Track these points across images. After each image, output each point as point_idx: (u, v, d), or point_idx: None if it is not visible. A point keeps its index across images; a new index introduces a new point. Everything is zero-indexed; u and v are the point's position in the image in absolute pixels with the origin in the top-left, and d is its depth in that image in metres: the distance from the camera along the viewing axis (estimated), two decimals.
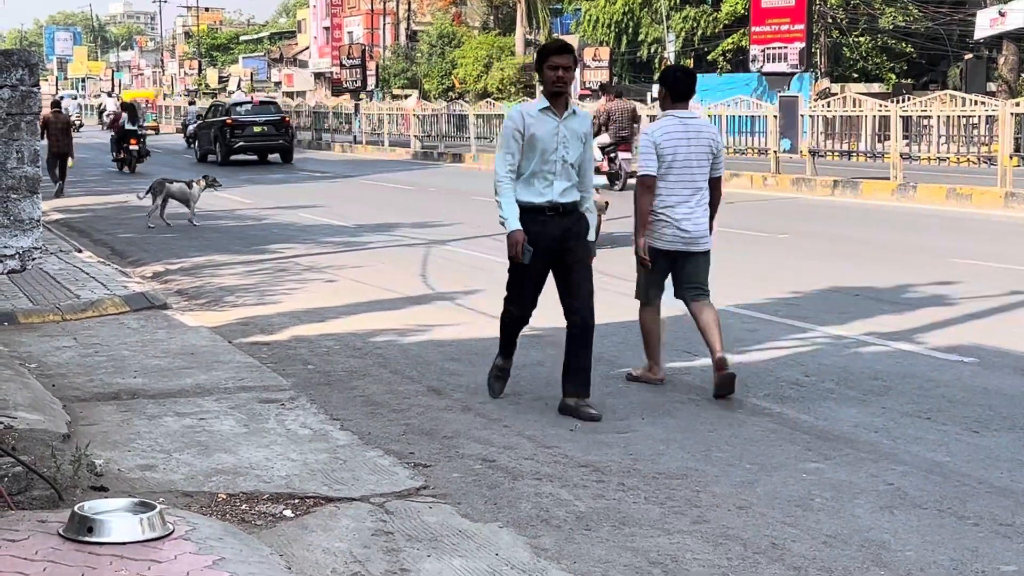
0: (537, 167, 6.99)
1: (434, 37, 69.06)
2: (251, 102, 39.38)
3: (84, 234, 17.65)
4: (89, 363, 8.59)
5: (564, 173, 7.01)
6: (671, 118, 7.66)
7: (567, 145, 6.99)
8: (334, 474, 5.94)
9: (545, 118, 7.00)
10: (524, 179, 7.03)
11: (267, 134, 35.96)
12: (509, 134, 7.03)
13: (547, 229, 7.02)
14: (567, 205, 7.06)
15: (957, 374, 7.98)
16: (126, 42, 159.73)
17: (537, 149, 6.96)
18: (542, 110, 7.01)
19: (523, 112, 7.07)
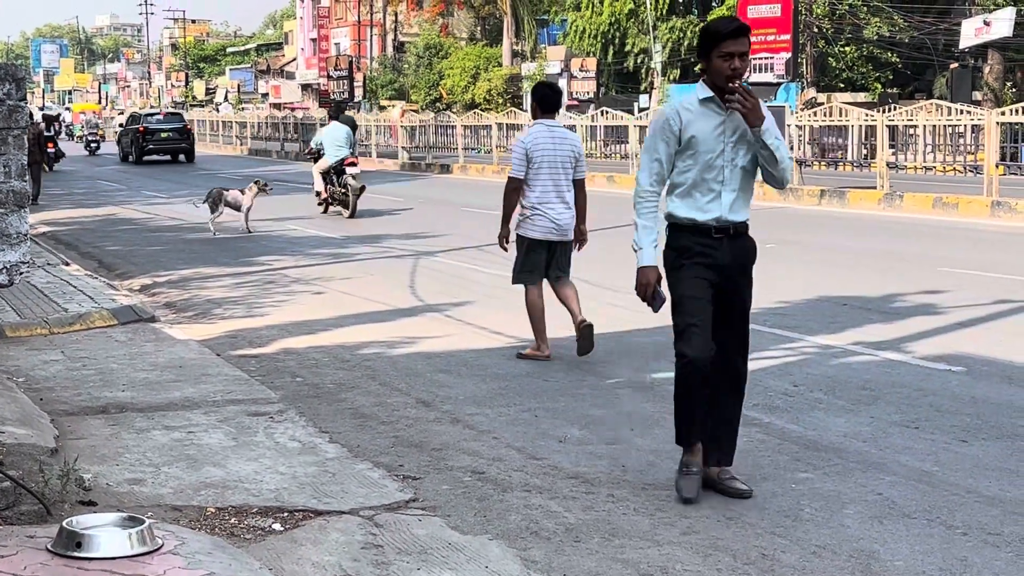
0: (699, 176, 5.64)
1: (421, 48, 69.09)
2: (159, 113, 48.91)
3: (71, 247, 17.61)
4: (77, 377, 8.57)
5: (734, 181, 5.66)
6: (541, 127, 8.99)
7: (736, 145, 5.65)
8: (323, 487, 5.93)
9: (708, 112, 5.60)
10: (683, 191, 5.69)
11: (172, 139, 44.64)
12: (658, 135, 5.66)
13: (713, 253, 5.65)
14: (738, 225, 5.70)
15: (945, 383, 8.00)
16: (113, 54, 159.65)
17: (698, 153, 5.61)
18: (704, 101, 5.60)
19: (679, 107, 5.66)
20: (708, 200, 5.64)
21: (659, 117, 5.69)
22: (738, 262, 5.72)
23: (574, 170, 8.98)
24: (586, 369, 8.68)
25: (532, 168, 8.85)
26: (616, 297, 11.85)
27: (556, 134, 8.96)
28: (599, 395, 7.87)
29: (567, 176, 8.94)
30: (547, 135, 8.92)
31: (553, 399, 7.78)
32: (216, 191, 19.07)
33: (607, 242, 17.07)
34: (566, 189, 8.94)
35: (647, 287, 5.75)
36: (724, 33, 5.50)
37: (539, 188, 8.86)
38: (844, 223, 19.27)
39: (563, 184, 8.92)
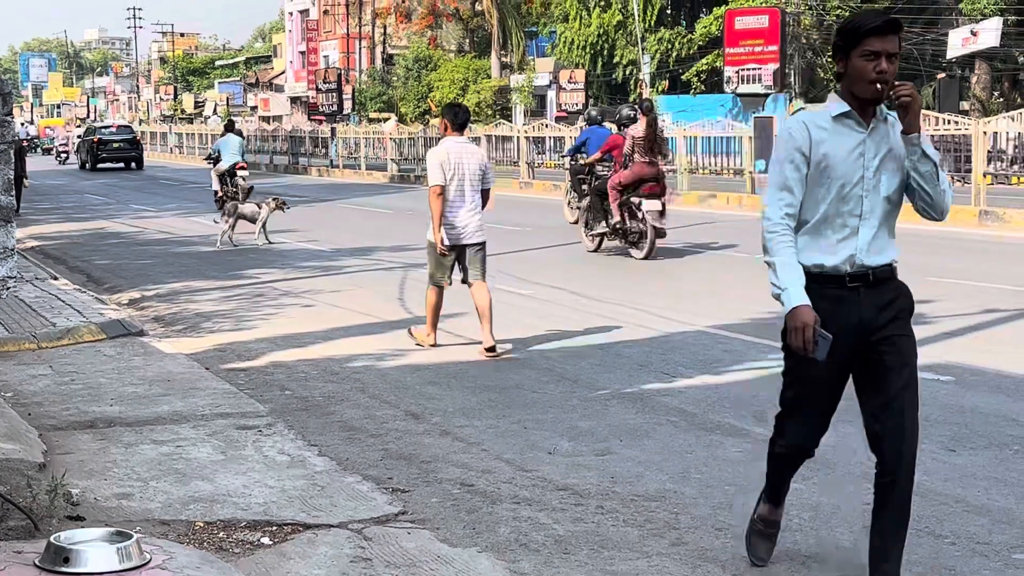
0: (832, 209, 4.49)
1: (410, 60, 69.19)
2: (112, 126, 55.87)
3: (60, 261, 17.58)
4: (65, 391, 8.55)
5: (875, 215, 4.55)
6: (451, 142, 9.92)
7: (879, 169, 4.51)
8: (312, 500, 5.92)
9: (843, 130, 4.47)
10: (809, 229, 4.55)
11: (123, 148, 50.41)
12: (785, 156, 4.52)
13: (847, 310, 4.49)
14: (880, 269, 4.58)
15: (933, 393, 8.01)
16: (101, 68, 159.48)
17: (831, 180, 4.47)
18: (839, 117, 4.48)
19: (807, 122, 4.52)
20: (840, 239, 4.50)
21: (783, 135, 4.55)
22: (885, 316, 4.53)
23: (481, 181, 9.93)
24: (575, 380, 8.69)
25: (447, 178, 9.81)
26: (603, 308, 11.87)
27: (465, 149, 9.96)
28: (588, 406, 7.88)
29: (474, 187, 9.88)
30: (458, 149, 9.88)
31: (542, 411, 7.78)
32: (231, 204, 19.37)
33: (592, 254, 17.09)
34: (473, 198, 9.89)
35: (803, 330, 4.39)
36: (867, 28, 4.40)
37: (449, 197, 9.81)
38: None
39: (471, 194, 9.87)
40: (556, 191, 30.04)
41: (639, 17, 52.13)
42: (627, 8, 52.92)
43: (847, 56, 4.45)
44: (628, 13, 52.93)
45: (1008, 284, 12.80)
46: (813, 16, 46.64)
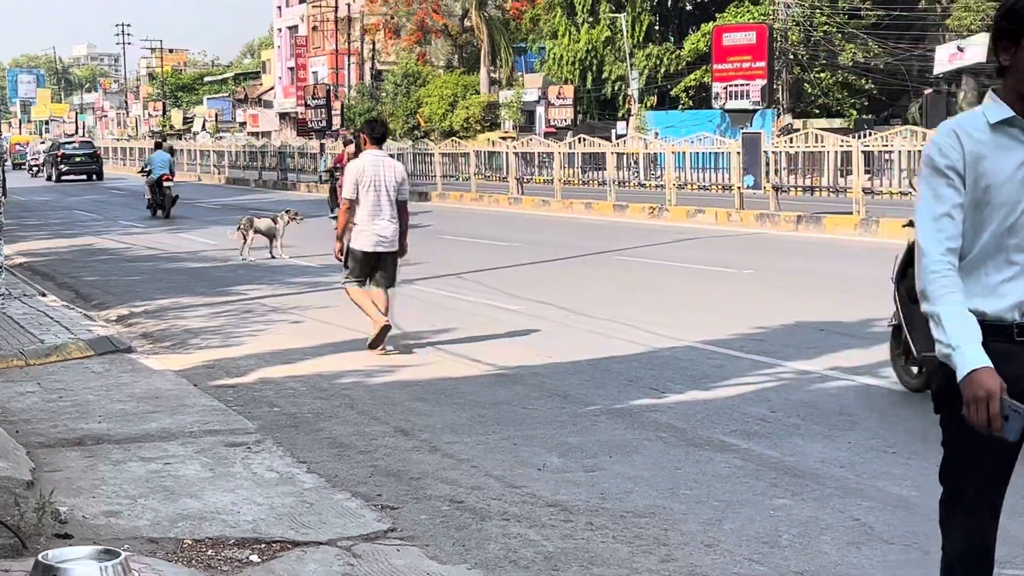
0: (993, 241, 3.50)
1: (399, 76, 69.28)
2: (75, 141, 62.33)
3: (48, 277, 17.53)
4: (53, 408, 8.52)
5: None
6: (370, 156, 10.63)
7: None
8: (301, 518, 5.91)
9: (1006, 141, 3.49)
10: (963, 265, 3.50)
11: (84, 162, 55.11)
12: (936, 176, 3.51)
13: (1017, 369, 3.42)
14: None
15: (922, 408, 8.01)
16: (90, 84, 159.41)
17: (991, 206, 3.49)
18: (1000, 125, 3.50)
19: (959, 131, 3.51)
20: (1005, 279, 3.49)
21: (930, 149, 3.53)
22: None
23: (397, 193, 10.61)
24: (564, 396, 8.69)
25: (362, 190, 10.48)
26: (591, 324, 11.87)
27: (382, 163, 10.65)
28: (577, 422, 7.87)
29: (390, 198, 10.57)
30: (374, 163, 10.57)
31: (532, 427, 7.78)
32: (247, 219, 19.62)
33: (582, 269, 17.14)
34: (390, 208, 10.58)
35: (988, 402, 3.26)
36: None
37: (367, 207, 10.51)
38: (821, 248, 19.36)
39: (387, 204, 10.56)
40: (545, 206, 30.07)
41: (627, 33, 52.33)
42: (615, 24, 53.12)
43: (1012, 46, 3.48)
44: (616, 29, 53.14)
45: None
46: (800, 32, 46.83)
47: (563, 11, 56.11)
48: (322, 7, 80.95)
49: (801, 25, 46.79)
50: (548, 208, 29.77)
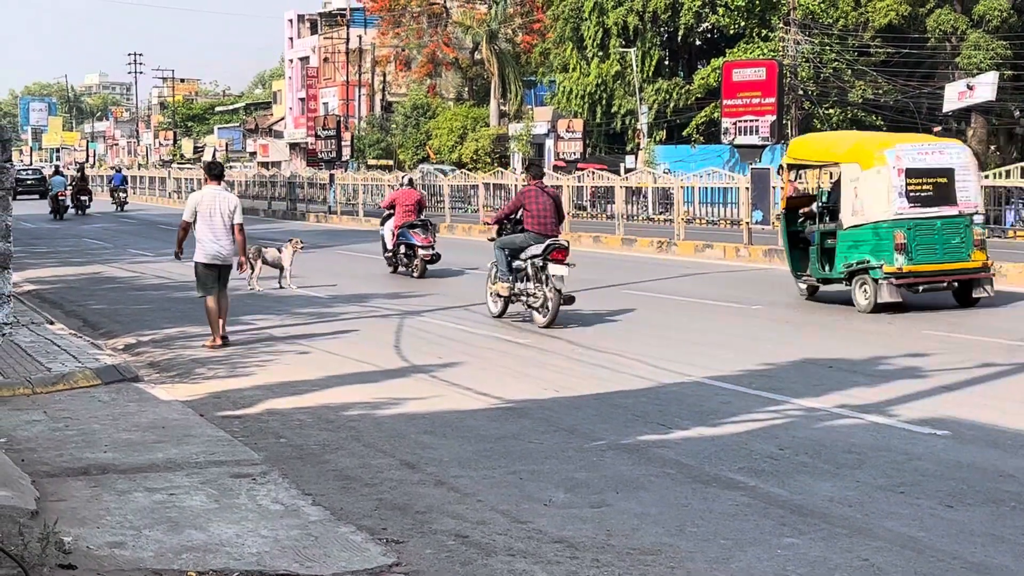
0: None
1: (409, 108, 69.52)
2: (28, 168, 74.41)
3: (56, 305, 17.55)
4: (59, 437, 8.51)
5: None
6: (208, 189, 13.33)
7: None
8: (305, 551, 5.88)
9: None
10: None
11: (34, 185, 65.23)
12: None
13: None
14: None
15: (930, 447, 7.99)
16: (101, 112, 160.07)
17: None
18: None
19: None
20: None
21: None
22: None
23: (232, 218, 13.12)
24: (571, 431, 8.66)
25: (200, 215, 13.05)
26: (599, 358, 11.85)
27: (219, 194, 13.31)
28: (584, 457, 7.84)
29: (225, 222, 13.08)
30: (212, 194, 13.24)
31: (538, 461, 7.75)
32: (255, 249, 19.54)
33: (593, 303, 17.09)
34: (224, 230, 13.08)
35: None
36: None
37: (205, 229, 13.03)
38: None
39: (221, 227, 13.08)
40: None
41: (637, 68, 52.46)
42: (625, 59, 53.27)
43: None
44: (626, 64, 53.28)
45: (1003, 338, 12.79)
46: (810, 68, 46.93)
47: (573, 45, 56.29)
48: (334, 39, 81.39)
49: (811, 61, 46.88)
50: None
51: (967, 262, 15.28)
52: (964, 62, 44.41)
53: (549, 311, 14.12)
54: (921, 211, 15.14)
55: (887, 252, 14.91)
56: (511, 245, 14.85)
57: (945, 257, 15.19)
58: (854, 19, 48.45)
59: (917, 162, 15.32)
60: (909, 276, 14.93)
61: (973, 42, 44.38)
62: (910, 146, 15.72)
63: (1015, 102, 46.53)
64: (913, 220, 15.06)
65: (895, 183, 15.06)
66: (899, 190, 15.05)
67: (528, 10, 66.78)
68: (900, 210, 15.02)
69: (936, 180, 15.36)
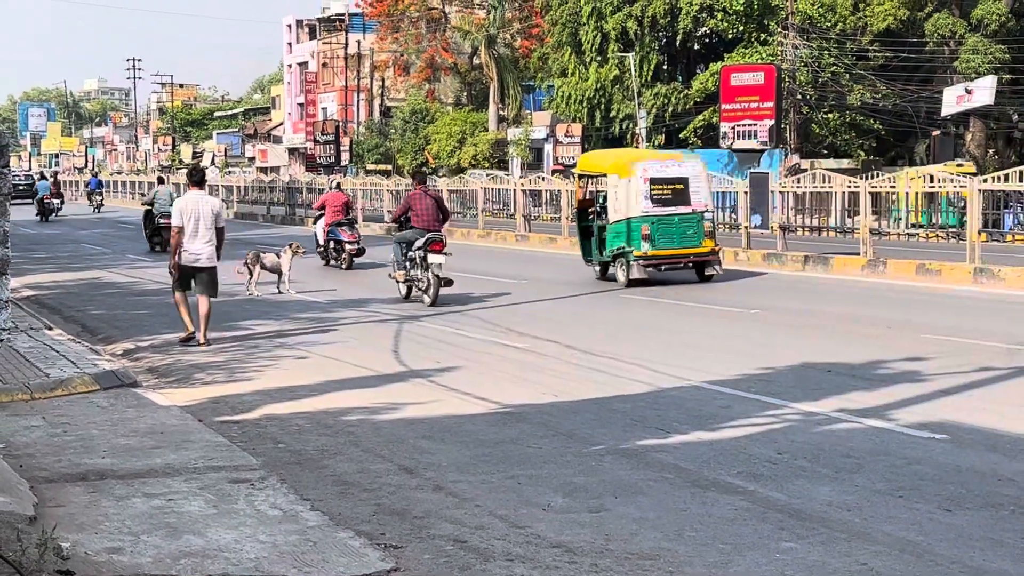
0: None
1: (407, 113, 69.54)
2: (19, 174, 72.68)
3: (55, 311, 17.55)
4: (57, 443, 8.50)
5: None
6: (191, 193, 13.86)
7: None
8: (304, 556, 5.88)
9: None
10: None
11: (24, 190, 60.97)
12: None
13: None
14: None
15: (929, 451, 7.99)
16: (100, 118, 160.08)
17: None
18: None
19: None
20: None
21: None
22: None
23: (214, 222, 13.71)
24: (570, 436, 8.66)
25: (185, 220, 13.55)
26: (597, 362, 11.85)
27: (201, 199, 13.83)
28: (582, 462, 7.84)
29: (208, 226, 13.65)
30: (195, 199, 13.74)
31: (536, 466, 7.74)
32: (253, 254, 19.70)
33: (588, 307, 17.11)
34: (207, 234, 13.66)
35: None
36: None
37: (188, 233, 13.59)
38: (828, 289, 19.33)
39: (204, 231, 13.63)
40: (552, 244, 30.09)
41: (636, 72, 52.48)
42: (624, 63, 53.30)
43: None
44: (625, 68, 53.31)
45: (1003, 342, 12.79)
46: (808, 73, 46.95)
47: (572, 50, 56.32)
48: (332, 44, 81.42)
49: (809, 66, 46.88)
50: (555, 245, 29.78)
51: (699, 248, 19.82)
52: (962, 66, 44.41)
53: (431, 293, 17.14)
54: (662, 210, 19.76)
55: (637, 240, 19.54)
56: (404, 239, 17.92)
57: (682, 244, 19.73)
58: (852, 23, 48.47)
59: (660, 173, 20.02)
60: (653, 259, 19.59)
61: (971, 46, 44.39)
62: (655, 161, 20.83)
63: (1013, 106, 46.54)
64: (656, 216, 19.62)
65: (642, 189, 19.71)
66: (645, 194, 19.67)
67: (527, 15, 66.83)
68: (646, 209, 19.63)
69: (674, 187, 19.97)
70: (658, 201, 19.74)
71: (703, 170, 20.82)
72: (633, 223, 19.59)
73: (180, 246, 13.57)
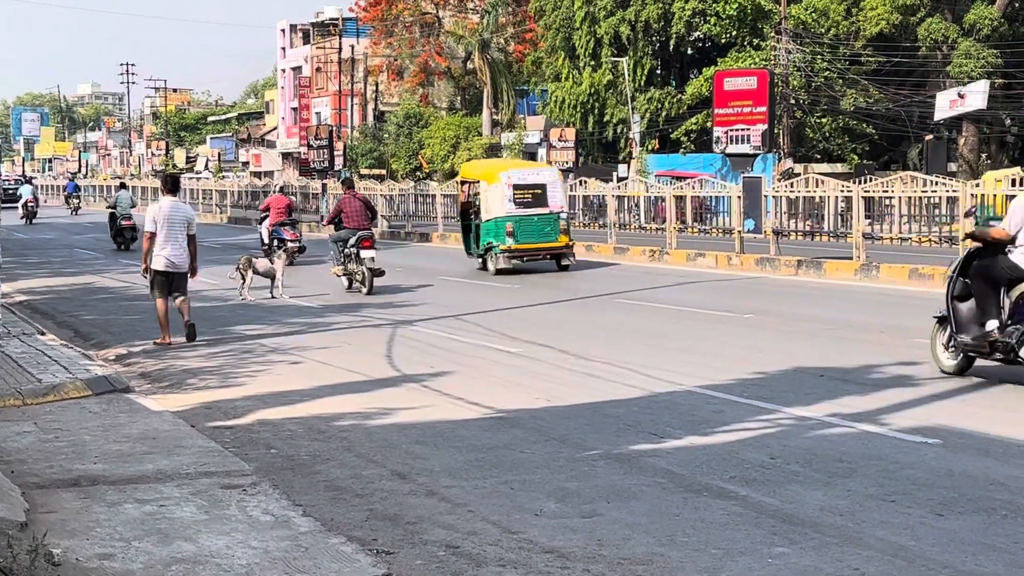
0: None
1: (401, 117, 69.55)
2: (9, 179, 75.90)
3: (47, 316, 17.53)
4: (49, 448, 8.49)
5: None
6: (167, 200, 14.22)
7: None
8: (295, 562, 5.86)
9: None
10: None
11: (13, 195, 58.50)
12: None
13: None
14: None
15: (921, 456, 7.99)
16: (94, 123, 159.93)
17: None
18: None
19: None
20: None
21: None
22: None
23: (187, 229, 14.10)
24: (562, 441, 8.65)
25: (159, 226, 13.93)
26: (591, 367, 11.84)
27: (175, 206, 14.29)
28: (575, 467, 7.83)
29: (182, 232, 14.05)
30: (169, 206, 14.13)
31: (529, 471, 7.74)
32: (245, 259, 19.69)
33: (581, 312, 17.10)
34: (181, 240, 14.04)
35: None
36: None
37: (162, 239, 13.96)
38: (821, 293, 19.34)
39: (179, 237, 14.03)
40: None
41: (629, 77, 52.53)
42: (617, 68, 53.35)
43: None
44: (618, 73, 53.37)
45: None
46: (802, 77, 47.03)
47: (565, 54, 56.41)
48: (326, 48, 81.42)
49: (802, 70, 46.98)
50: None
51: (555, 243, 23.59)
52: (955, 71, 44.52)
53: (366, 283, 19.71)
54: (523, 211, 23.39)
55: (503, 236, 23.26)
56: (339, 238, 20.74)
57: (540, 239, 23.47)
58: (845, 28, 48.59)
59: (521, 180, 23.78)
60: (516, 251, 23.29)
61: (964, 51, 44.50)
62: (517, 170, 24.68)
63: (1006, 110, 46.65)
64: (518, 216, 23.28)
65: (507, 193, 23.42)
66: (509, 198, 23.36)
67: (520, 20, 66.93)
68: (509, 210, 23.30)
69: (534, 191, 23.72)
70: (520, 203, 23.44)
71: (559, 177, 25.08)
72: (499, 222, 23.36)
73: (151, 251, 14.01)
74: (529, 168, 25.68)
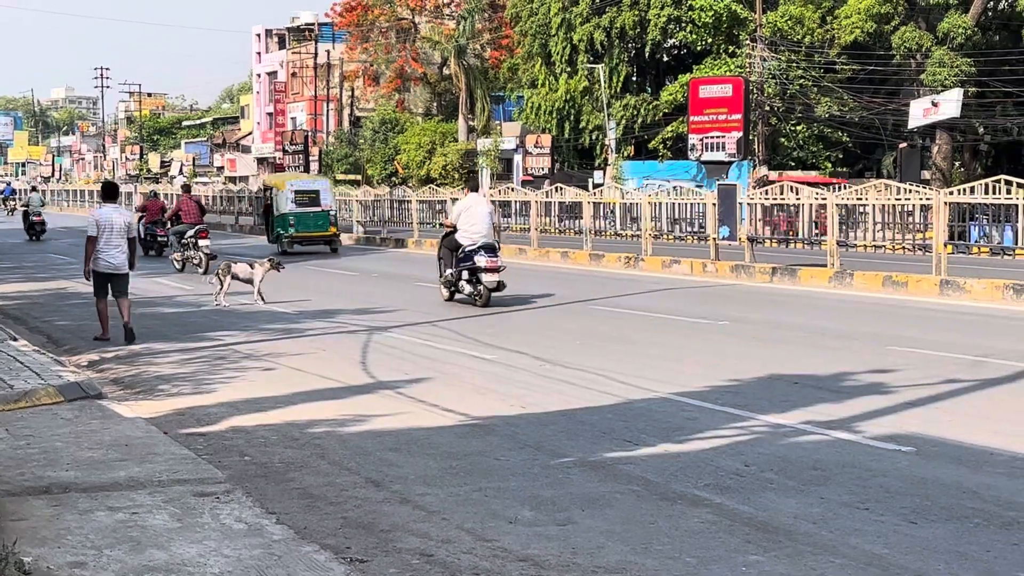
0: None
1: (377, 123, 69.49)
2: None
3: (20, 321, 17.41)
4: (20, 455, 8.42)
5: None
6: (107, 207, 15.22)
7: None
8: (268, 570, 5.83)
9: None
10: None
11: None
12: None
13: None
14: None
15: (895, 463, 8.02)
16: (67, 127, 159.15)
17: None
18: None
19: None
20: None
21: None
22: None
23: (127, 232, 15.02)
24: (537, 448, 8.64)
25: (100, 230, 14.75)
26: (566, 374, 11.84)
27: (116, 212, 15.19)
28: (550, 474, 7.83)
29: (121, 236, 14.93)
30: (111, 212, 15.03)
31: (504, 479, 7.73)
32: (224, 264, 19.63)
33: (557, 319, 17.09)
34: (121, 244, 14.93)
35: None
36: None
37: (103, 242, 14.79)
38: (795, 301, 19.40)
39: (119, 241, 14.91)
40: (522, 255, 30.07)
41: (605, 84, 52.61)
42: (593, 75, 53.44)
43: None
44: (594, 79, 53.46)
45: (968, 354, 12.87)
46: (776, 85, 47.20)
47: (541, 61, 56.48)
48: (302, 53, 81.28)
49: (777, 78, 47.15)
50: (524, 256, 29.78)
51: (326, 232, 33.09)
52: (929, 79, 44.77)
53: (203, 266, 24.66)
54: (302, 209, 32.76)
55: (287, 227, 32.54)
56: (178, 231, 26.81)
57: (315, 229, 32.86)
58: (820, 36, 48.81)
59: (300, 187, 33.52)
60: (297, 238, 32.62)
61: (938, 59, 44.76)
62: (298, 180, 35.60)
63: (979, 119, 46.93)
64: (298, 213, 32.71)
65: (290, 196, 32.86)
66: (291, 200, 32.72)
67: (496, 26, 66.97)
68: (291, 208, 32.63)
69: (310, 195, 33.18)
70: (300, 204, 32.91)
71: (329, 186, 35.70)
72: (286, 216, 32.79)
73: (92, 255, 14.77)
74: (307, 179, 38.36)
